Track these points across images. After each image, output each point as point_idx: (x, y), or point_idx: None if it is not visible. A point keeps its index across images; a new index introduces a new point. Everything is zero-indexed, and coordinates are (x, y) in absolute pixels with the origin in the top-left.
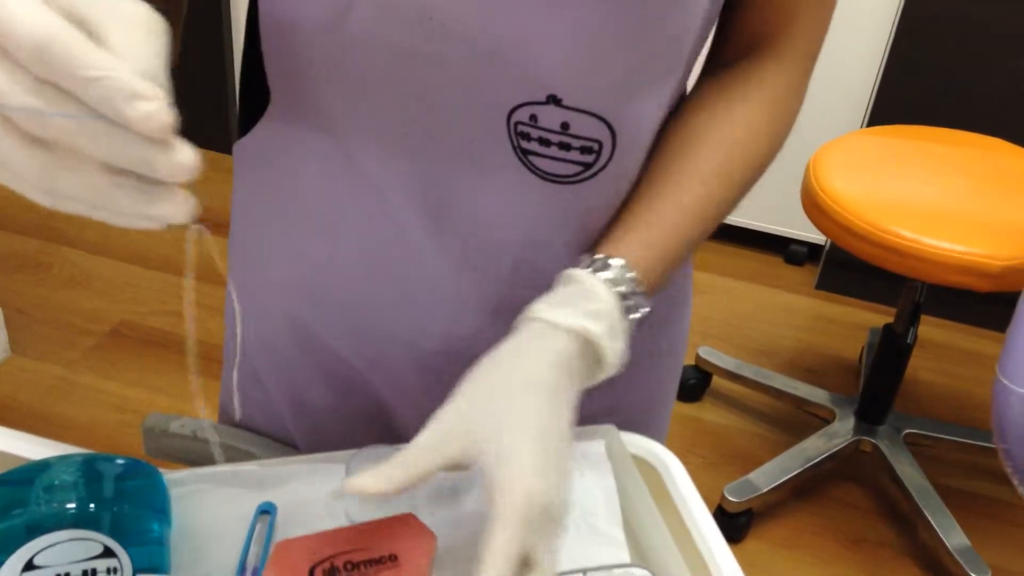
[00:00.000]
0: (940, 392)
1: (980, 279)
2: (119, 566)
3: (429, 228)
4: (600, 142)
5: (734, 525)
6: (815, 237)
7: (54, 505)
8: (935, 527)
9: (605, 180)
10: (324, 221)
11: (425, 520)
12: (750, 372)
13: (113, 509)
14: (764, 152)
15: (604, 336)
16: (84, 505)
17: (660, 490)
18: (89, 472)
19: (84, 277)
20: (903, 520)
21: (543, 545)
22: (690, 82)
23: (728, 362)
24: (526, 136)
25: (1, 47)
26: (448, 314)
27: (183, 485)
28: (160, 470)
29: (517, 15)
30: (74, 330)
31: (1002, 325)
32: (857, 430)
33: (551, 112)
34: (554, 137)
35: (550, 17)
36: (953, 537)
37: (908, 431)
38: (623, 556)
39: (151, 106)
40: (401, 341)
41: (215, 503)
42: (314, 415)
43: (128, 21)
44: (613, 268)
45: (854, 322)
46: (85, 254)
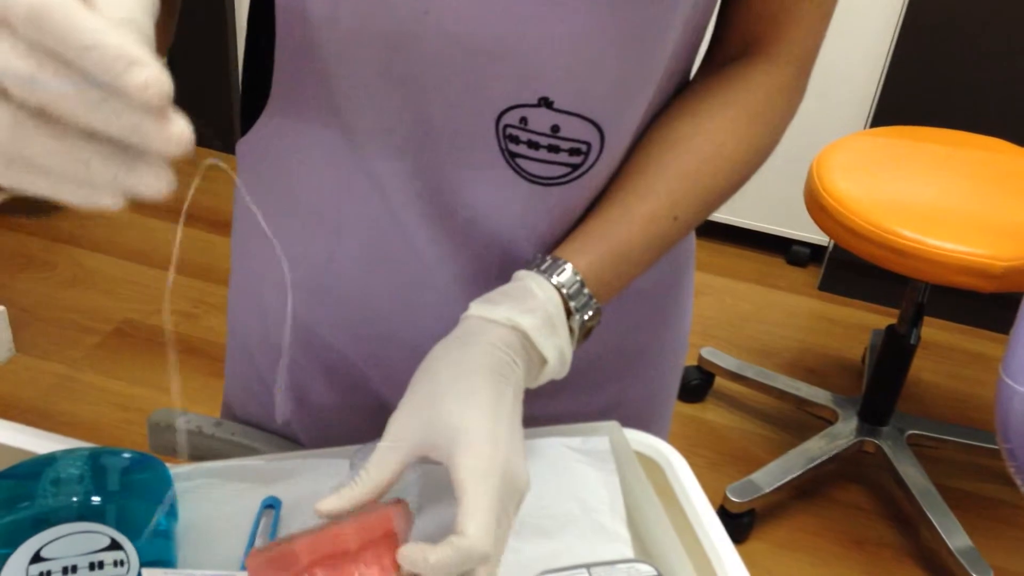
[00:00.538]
0: (943, 393)
1: (983, 280)
2: (125, 558)
3: (426, 224)
4: (589, 144)
5: (736, 525)
6: (818, 238)
7: (61, 498)
8: (937, 528)
9: (590, 181)
10: (325, 219)
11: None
12: (753, 373)
13: (119, 502)
14: (745, 159)
15: (537, 330)
16: (90, 498)
17: (663, 486)
18: (95, 465)
19: (88, 276)
20: (905, 521)
21: (508, 514)
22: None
23: (731, 363)
24: (514, 139)
25: None
26: (446, 311)
27: (189, 479)
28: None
29: (514, 14)
30: (78, 328)
31: (1005, 326)
32: (860, 431)
33: (542, 115)
34: (543, 140)
35: (547, 18)
36: (956, 538)
37: (911, 432)
38: (627, 552)
39: (150, 73)
40: (401, 338)
41: (220, 497)
42: (317, 412)
43: None
44: (559, 269)
45: (857, 323)
46: (89, 253)
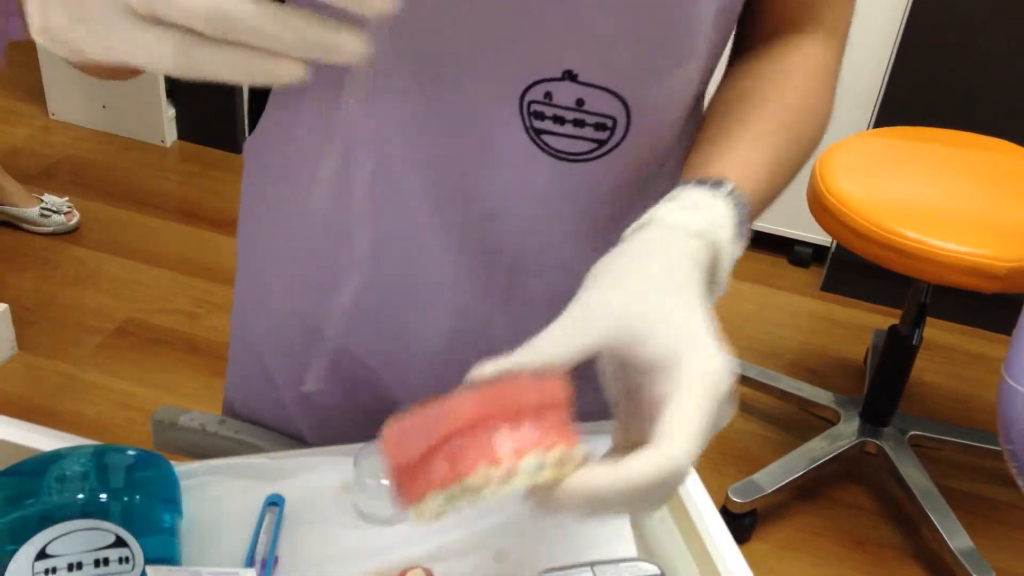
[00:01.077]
0: (945, 394)
1: (986, 280)
2: (131, 555)
3: (437, 217)
4: (614, 118)
5: (738, 526)
6: (820, 238)
7: (66, 495)
8: (939, 529)
9: (616, 159)
10: (331, 216)
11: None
12: (755, 373)
13: (124, 499)
14: (821, 121)
15: (729, 245)
16: (96, 495)
17: None
18: (100, 463)
19: (91, 275)
20: (907, 522)
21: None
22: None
23: (732, 363)
24: (539, 115)
25: None
26: (455, 306)
27: (193, 476)
28: (171, 462)
29: None
30: (81, 328)
31: (1008, 327)
32: (861, 432)
33: (566, 88)
34: (568, 114)
35: None
36: (957, 539)
37: (913, 433)
38: (630, 550)
39: (355, 43)
40: (409, 335)
41: (225, 495)
42: (321, 411)
43: None
44: (726, 187)
45: (859, 324)
46: (92, 252)
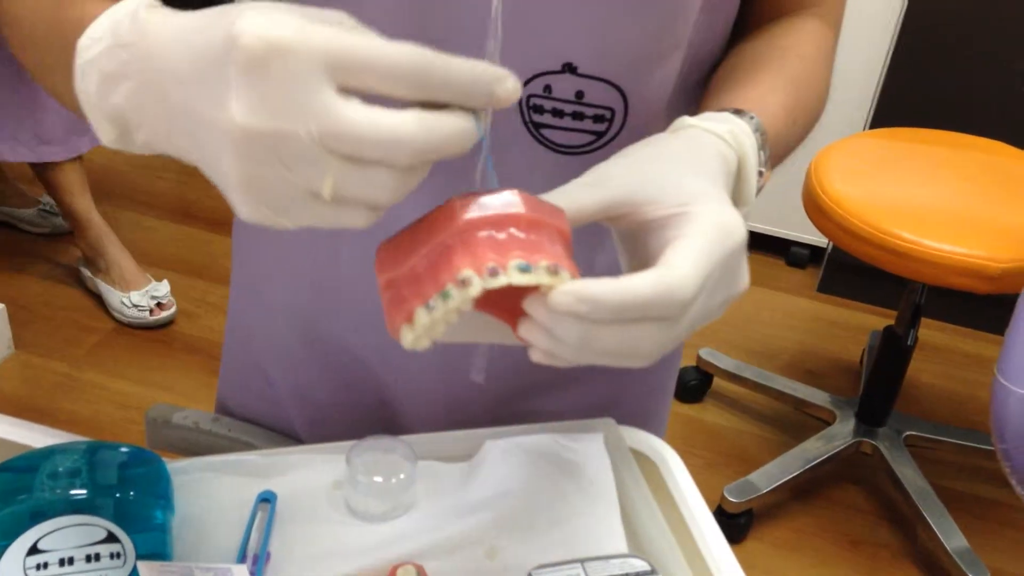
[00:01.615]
0: (940, 394)
1: (980, 281)
2: (122, 551)
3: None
4: (613, 110)
5: (734, 526)
6: (817, 239)
7: (58, 491)
8: (935, 529)
9: (613, 151)
10: None
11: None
12: (751, 373)
13: (116, 495)
14: (822, 93)
15: (753, 155)
16: (88, 491)
17: (658, 483)
18: (93, 459)
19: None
20: (903, 522)
21: (719, 288)
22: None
23: (729, 363)
24: (539, 109)
25: (356, 158)
26: None
27: (185, 473)
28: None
29: None
30: (77, 327)
31: (1002, 328)
32: (857, 432)
33: (566, 81)
34: (568, 107)
35: None
36: (952, 539)
37: (908, 433)
38: (621, 547)
39: (512, 81)
40: None
41: (217, 491)
42: (318, 409)
43: (349, 21)
44: (747, 114)
45: (855, 324)
46: None
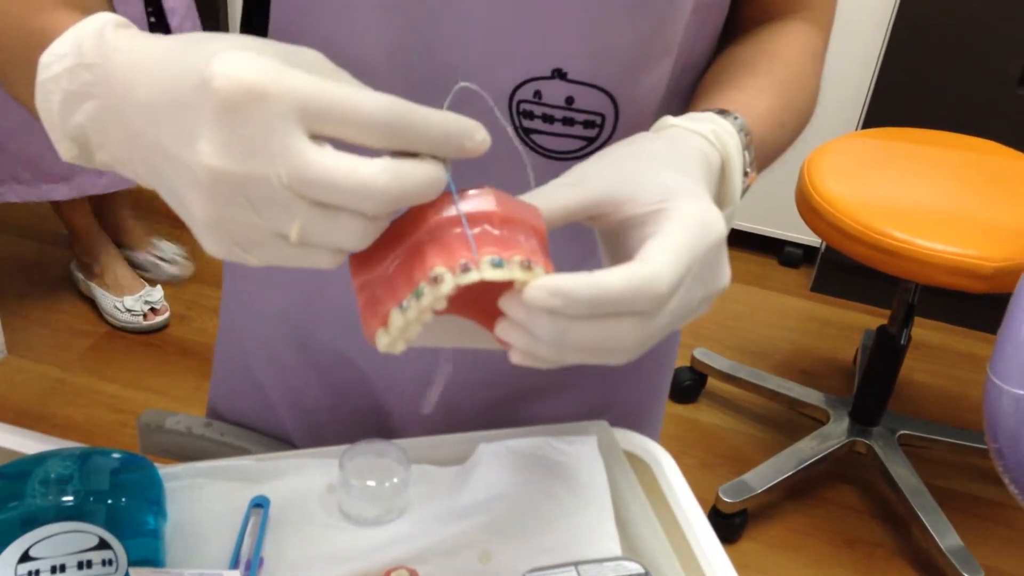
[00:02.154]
0: (934, 394)
1: (973, 280)
2: (114, 558)
3: None
4: (603, 115)
5: (729, 526)
6: (810, 239)
7: (50, 498)
8: (929, 528)
9: None
10: None
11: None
12: (745, 373)
13: (108, 502)
14: (811, 97)
15: (737, 156)
16: (79, 498)
17: (652, 485)
18: (84, 466)
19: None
20: (897, 521)
21: (696, 284)
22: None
23: (723, 363)
24: (529, 115)
25: (324, 203)
26: None
27: (178, 479)
28: (155, 464)
29: None
30: (70, 331)
31: (995, 327)
32: (851, 431)
33: (556, 87)
34: (558, 113)
35: None
36: (947, 538)
37: (902, 432)
38: (615, 550)
39: (482, 133)
40: None
41: (209, 496)
42: (310, 414)
43: (324, 64)
44: (731, 115)
45: (849, 324)
46: None
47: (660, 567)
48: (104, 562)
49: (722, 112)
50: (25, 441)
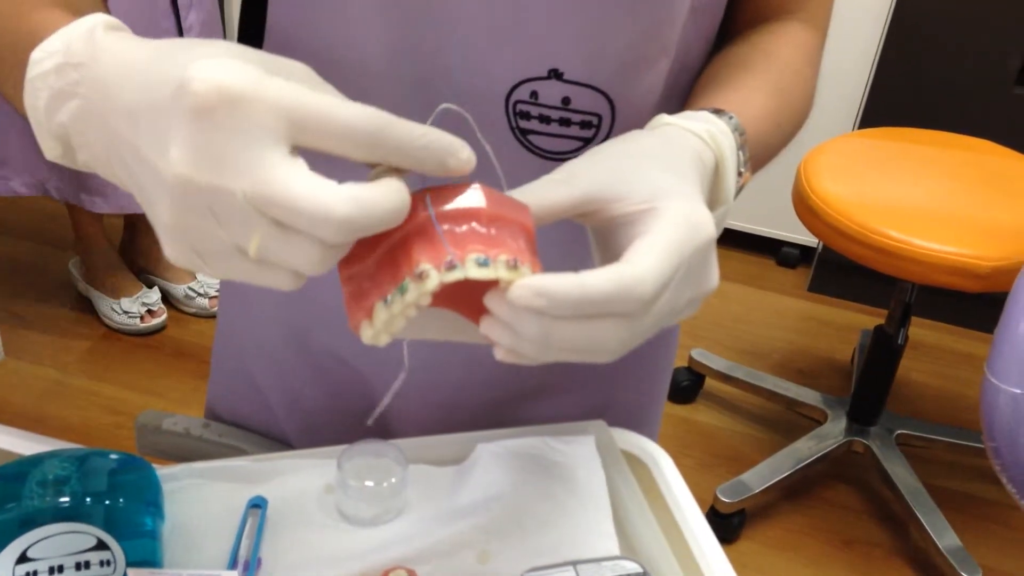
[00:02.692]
0: (931, 393)
1: (970, 280)
2: (112, 559)
3: None
4: (600, 116)
5: (727, 526)
6: (807, 239)
7: (47, 499)
8: (927, 527)
9: None
10: None
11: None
12: (742, 374)
13: (106, 503)
14: (807, 98)
15: (731, 155)
16: (77, 499)
17: (650, 485)
18: (82, 466)
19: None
20: (895, 521)
21: (683, 286)
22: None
23: (720, 364)
24: (525, 115)
25: (282, 223)
26: None
27: (176, 480)
28: (153, 465)
29: None
30: (68, 333)
31: (992, 326)
32: (849, 431)
33: (552, 87)
34: (555, 113)
35: None
36: (945, 537)
37: (899, 432)
38: (613, 549)
39: (467, 152)
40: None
41: (207, 497)
42: (308, 415)
43: (309, 76)
44: (727, 114)
45: (846, 324)
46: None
47: (658, 567)
48: (102, 563)
49: (717, 111)
50: (23, 442)
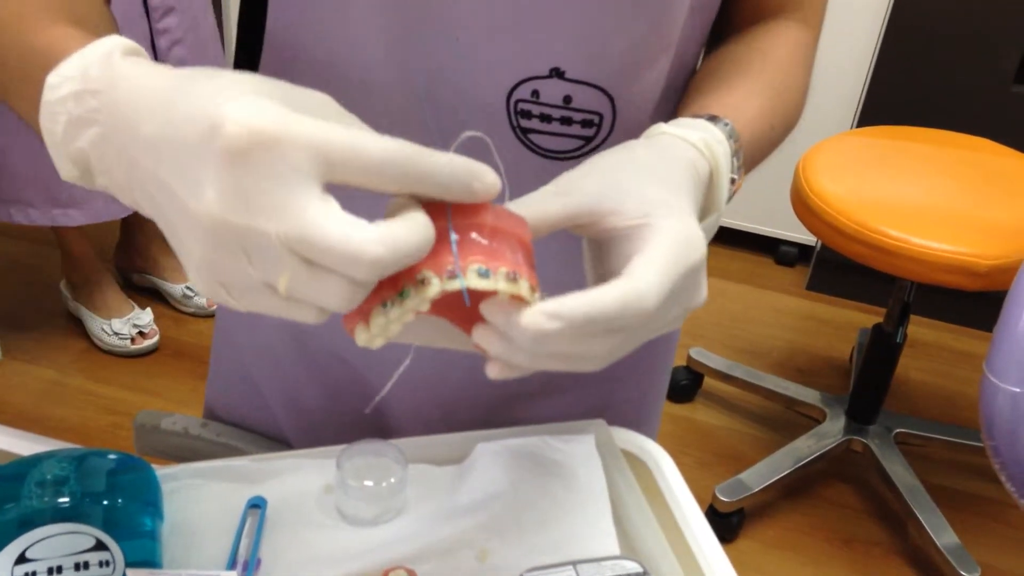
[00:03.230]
0: (930, 391)
1: (968, 278)
2: (111, 559)
3: None
4: (601, 115)
5: (726, 525)
6: (806, 238)
7: (46, 499)
8: (925, 526)
9: None
10: None
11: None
12: (741, 373)
13: (105, 503)
14: (800, 98)
15: (725, 163)
16: (76, 499)
17: (650, 484)
18: (81, 467)
19: None
20: (894, 519)
21: (680, 301)
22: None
23: (719, 363)
24: (526, 114)
25: (314, 263)
26: None
27: (175, 479)
28: (152, 465)
29: None
30: (66, 333)
31: (990, 325)
32: (848, 430)
33: (554, 86)
34: (556, 112)
35: None
36: (943, 536)
37: (898, 431)
38: (613, 549)
39: (491, 177)
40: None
41: (206, 497)
42: (307, 415)
43: (332, 108)
44: (721, 121)
45: (845, 322)
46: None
47: (658, 566)
48: (101, 563)
49: (712, 118)
50: (21, 443)
